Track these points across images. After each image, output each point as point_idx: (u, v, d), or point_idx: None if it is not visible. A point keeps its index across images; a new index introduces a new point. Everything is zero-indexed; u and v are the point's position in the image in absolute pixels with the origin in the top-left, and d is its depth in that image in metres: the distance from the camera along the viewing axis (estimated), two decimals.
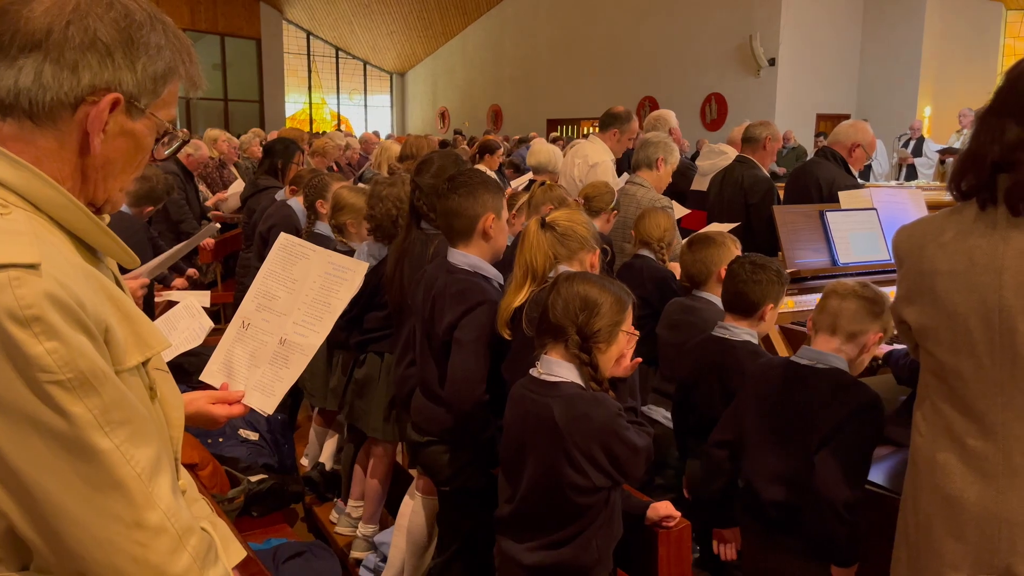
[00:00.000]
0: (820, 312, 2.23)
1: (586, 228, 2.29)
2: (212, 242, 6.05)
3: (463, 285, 2.38)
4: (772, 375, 2.27)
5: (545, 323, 1.92)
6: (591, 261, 2.31)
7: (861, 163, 4.44)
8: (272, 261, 1.69)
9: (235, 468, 2.99)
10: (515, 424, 2.00)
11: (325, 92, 24.00)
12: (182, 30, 1.15)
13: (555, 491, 1.89)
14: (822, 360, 2.15)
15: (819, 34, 15.35)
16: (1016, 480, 1.55)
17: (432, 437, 2.48)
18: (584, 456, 1.84)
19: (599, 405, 1.88)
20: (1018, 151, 1.51)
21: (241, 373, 1.58)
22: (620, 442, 1.86)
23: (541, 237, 2.24)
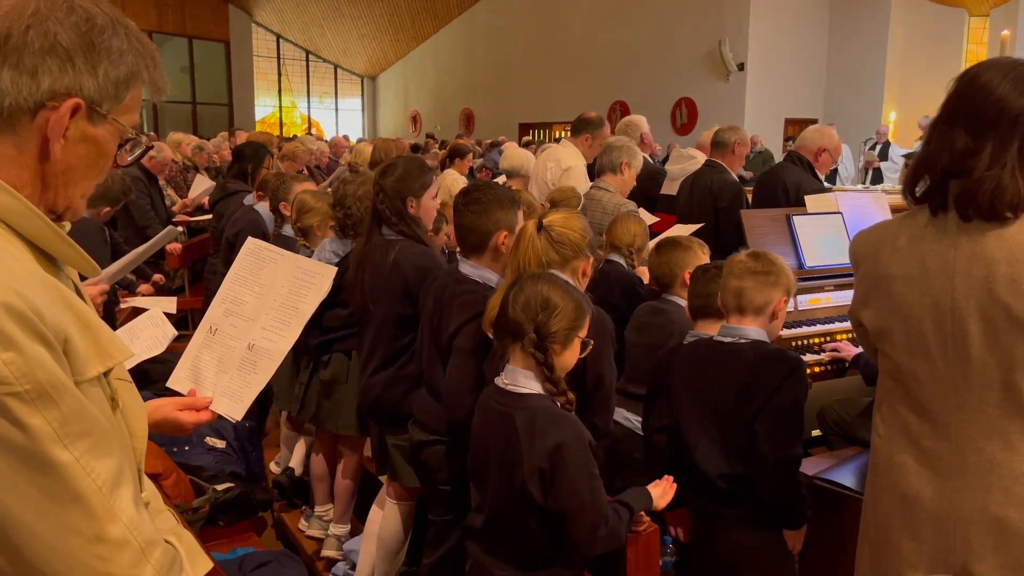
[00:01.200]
0: (725, 294, 2.30)
1: (581, 235, 2.28)
2: (180, 247, 5.97)
3: (470, 296, 2.39)
4: (698, 356, 2.33)
5: (504, 319, 1.91)
6: (584, 269, 2.30)
7: (827, 167, 4.51)
8: (240, 266, 1.67)
9: (201, 477, 2.94)
10: (481, 432, 2.00)
11: (295, 95, 23.84)
12: (149, 32, 1.13)
13: (513, 506, 1.88)
14: (743, 335, 2.25)
15: (787, 40, 15.56)
16: (969, 480, 1.59)
17: (437, 436, 2.49)
18: (532, 471, 1.81)
19: (558, 426, 1.84)
20: (967, 159, 1.54)
21: (209, 379, 1.56)
22: (567, 475, 1.79)
23: (536, 241, 2.24)
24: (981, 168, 1.53)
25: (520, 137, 16.49)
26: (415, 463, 2.60)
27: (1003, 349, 1.53)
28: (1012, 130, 1.52)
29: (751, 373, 2.19)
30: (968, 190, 1.54)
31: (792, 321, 3.30)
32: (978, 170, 1.53)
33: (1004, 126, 1.52)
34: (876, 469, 1.78)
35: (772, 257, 2.30)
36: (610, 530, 1.85)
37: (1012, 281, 1.51)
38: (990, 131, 1.53)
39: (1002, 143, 1.53)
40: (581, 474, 1.81)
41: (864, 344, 1.87)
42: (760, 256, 2.28)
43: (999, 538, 1.57)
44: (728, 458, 2.23)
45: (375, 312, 2.78)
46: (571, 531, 1.83)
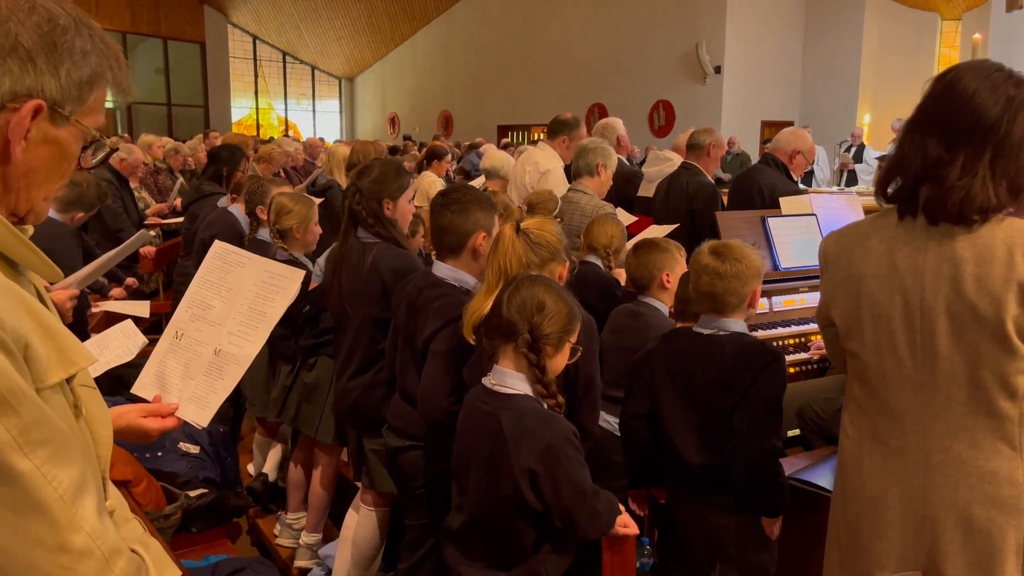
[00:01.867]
0: (699, 298, 2.32)
1: (557, 239, 2.29)
2: (153, 250, 5.90)
3: (446, 300, 2.38)
4: (679, 347, 2.35)
5: (497, 319, 1.90)
6: (560, 273, 2.30)
7: (802, 169, 4.54)
8: (206, 270, 1.65)
9: (174, 483, 2.90)
10: (465, 433, 1.99)
11: (272, 97, 23.69)
12: (123, 33, 1.11)
13: (498, 507, 1.87)
14: (722, 327, 2.28)
15: (763, 43, 15.70)
16: (936, 478, 1.61)
17: (413, 441, 2.48)
18: (523, 474, 1.81)
19: (548, 425, 1.85)
20: (939, 168, 1.56)
21: (175, 385, 1.54)
22: (563, 471, 1.82)
23: (516, 243, 2.22)
24: (952, 178, 1.54)
25: (499, 139, 16.49)
26: (391, 469, 2.58)
27: (969, 347, 1.55)
28: (985, 140, 1.54)
29: (731, 365, 2.22)
30: (938, 197, 1.56)
31: (767, 322, 3.32)
32: (950, 179, 1.54)
33: (977, 137, 1.54)
34: (844, 470, 1.79)
35: (736, 252, 2.28)
36: (607, 505, 1.90)
37: (979, 280, 1.53)
38: (963, 141, 1.54)
39: (975, 153, 1.54)
40: (576, 468, 1.84)
41: (831, 347, 1.89)
42: (724, 255, 2.26)
43: (966, 535, 1.59)
44: (707, 448, 2.26)
45: (353, 315, 2.76)
46: (576, 522, 1.86)
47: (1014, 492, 1.56)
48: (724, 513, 2.29)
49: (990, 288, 1.52)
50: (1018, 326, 1.52)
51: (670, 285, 2.80)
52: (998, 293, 1.51)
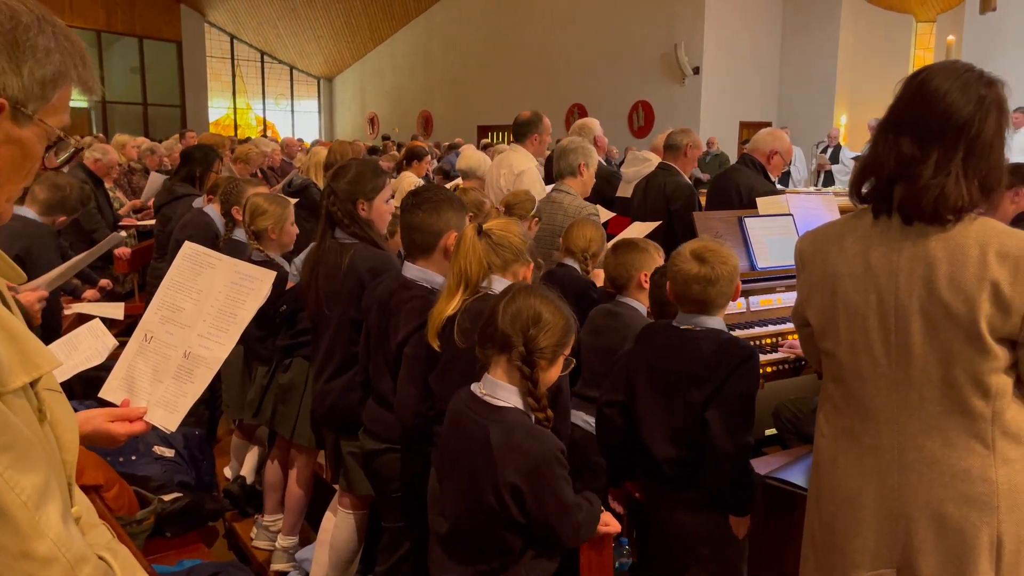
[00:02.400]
0: (681, 301, 2.32)
1: (521, 240, 2.26)
2: (128, 251, 5.84)
3: (419, 302, 2.36)
4: (657, 340, 2.37)
5: (492, 329, 1.87)
6: (524, 274, 2.28)
7: (779, 170, 4.57)
8: (176, 271, 1.63)
9: (148, 487, 2.87)
10: (450, 439, 1.97)
11: (250, 97, 23.53)
12: (97, 32, 1.09)
13: (481, 516, 1.86)
14: (700, 324, 2.29)
15: (741, 45, 15.81)
16: (910, 476, 1.62)
17: (389, 444, 2.46)
18: (507, 487, 1.79)
19: (537, 441, 1.82)
20: (912, 167, 1.57)
21: (143, 388, 1.52)
22: (550, 490, 1.81)
23: (477, 245, 2.20)
24: (926, 176, 1.55)
25: (479, 139, 16.49)
26: (368, 472, 2.57)
27: (943, 346, 1.56)
28: (957, 139, 1.55)
29: (705, 360, 2.23)
30: (912, 196, 1.57)
31: (744, 322, 3.33)
32: (923, 178, 1.55)
33: (950, 135, 1.55)
34: (819, 470, 1.80)
35: (719, 254, 2.28)
36: (587, 515, 1.89)
37: (952, 280, 1.54)
38: (936, 140, 1.56)
39: (947, 152, 1.55)
40: (560, 483, 1.83)
41: (806, 346, 1.90)
42: (708, 259, 2.26)
43: (939, 533, 1.60)
44: (676, 443, 2.27)
45: (330, 317, 2.73)
46: (559, 535, 1.86)
47: (987, 490, 1.57)
48: (692, 510, 2.30)
49: (963, 288, 1.53)
50: (991, 325, 1.53)
51: (648, 285, 2.80)
52: (971, 293, 1.52)
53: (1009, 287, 1.51)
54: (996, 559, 1.58)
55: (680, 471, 2.28)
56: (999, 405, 1.58)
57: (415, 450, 2.39)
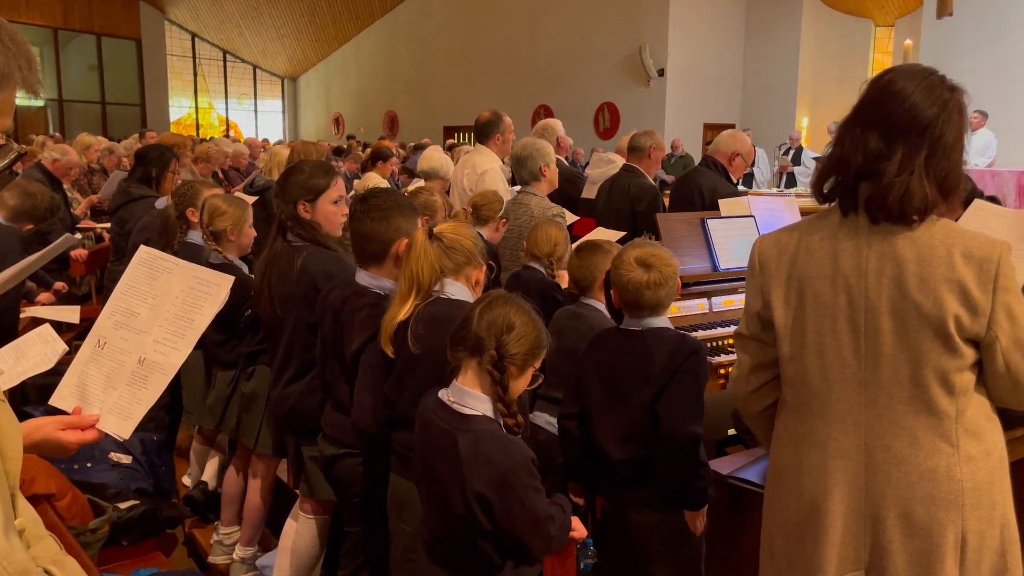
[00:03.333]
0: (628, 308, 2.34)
1: (473, 242, 2.24)
2: (85, 253, 5.71)
3: (372, 310, 2.33)
4: (606, 345, 2.38)
5: (465, 332, 1.85)
6: (477, 277, 2.26)
7: (741, 171, 4.61)
8: (131, 276, 1.59)
9: (104, 495, 2.80)
10: (421, 448, 1.94)
11: (212, 96, 23.22)
12: (54, 29, 1.06)
13: (454, 524, 1.84)
14: (647, 325, 2.32)
15: (705, 47, 15.97)
16: (878, 477, 1.62)
17: (349, 449, 2.43)
18: (475, 497, 1.77)
19: (506, 450, 1.79)
20: (879, 162, 1.59)
21: (96, 396, 1.48)
22: (518, 500, 1.78)
23: (428, 248, 2.17)
24: (891, 173, 1.57)
25: (445, 140, 16.44)
26: (327, 477, 2.53)
27: (912, 346, 1.57)
28: (921, 138, 1.57)
29: (653, 358, 2.26)
30: (879, 194, 1.58)
31: (707, 323, 3.36)
32: (888, 174, 1.57)
33: (915, 134, 1.57)
34: (780, 479, 1.78)
35: (662, 258, 2.31)
36: (559, 527, 1.88)
37: (921, 280, 1.56)
38: (901, 137, 1.58)
39: (911, 150, 1.57)
40: (530, 494, 1.80)
41: (756, 358, 1.82)
42: (653, 264, 2.28)
43: (907, 533, 1.61)
44: (630, 443, 2.29)
45: (285, 320, 2.69)
46: (528, 546, 1.84)
47: (952, 488, 1.59)
48: (647, 509, 2.32)
49: (933, 287, 1.55)
50: (959, 324, 1.55)
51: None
52: (940, 292, 1.54)
53: (975, 287, 1.54)
54: (960, 557, 1.60)
55: (635, 471, 2.29)
56: (962, 403, 1.61)
57: (374, 455, 2.36)
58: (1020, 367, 1.59)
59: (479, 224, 3.64)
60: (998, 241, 1.59)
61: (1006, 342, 1.57)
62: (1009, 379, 1.61)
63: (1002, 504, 1.65)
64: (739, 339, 1.85)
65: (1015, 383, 1.61)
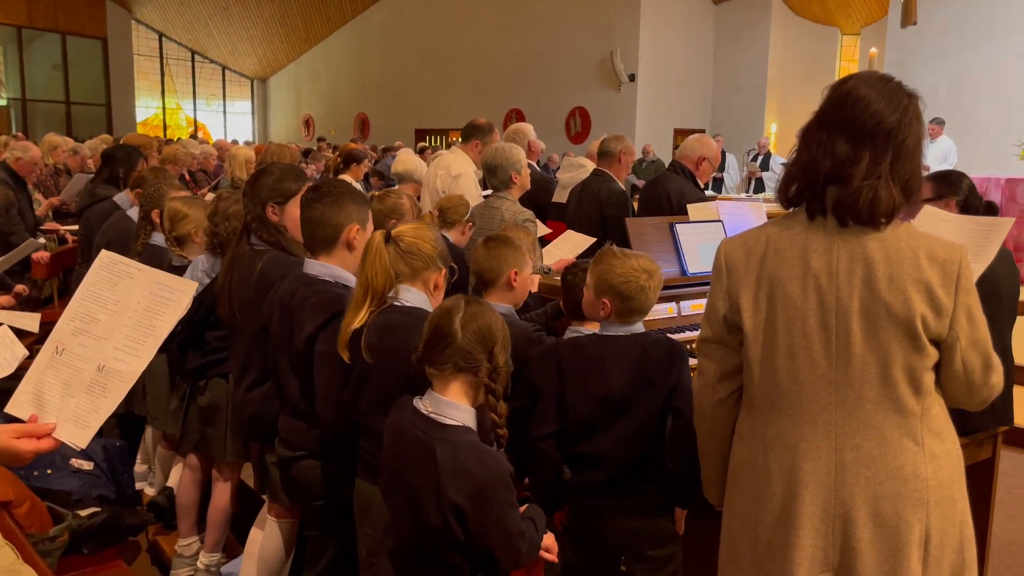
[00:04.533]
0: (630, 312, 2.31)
1: (433, 246, 2.19)
2: (47, 255, 5.61)
3: (323, 296, 2.30)
4: (588, 353, 2.32)
5: (449, 350, 1.79)
6: (436, 281, 2.22)
7: (708, 175, 4.65)
8: (92, 281, 1.56)
9: (65, 502, 2.75)
10: (392, 457, 1.90)
11: (180, 97, 22.94)
12: (18, 28, 1.03)
13: (425, 535, 1.81)
14: (632, 330, 2.31)
15: (675, 53, 16.12)
16: (847, 475, 1.64)
17: (304, 451, 2.39)
18: (450, 507, 1.74)
19: (485, 465, 1.76)
20: (848, 166, 1.61)
21: (53, 404, 1.45)
22: (494, 516, 1.76)
23: (383, 252, 2.12)
24: (859, 177, 1.60)
25: (416, 143, 16.40)
26: (284, 480, 2.50)
27: (882, 345, 1.60)
28: (886, 143, 1.61)
29: (651, 361, 2.25)
30: (848, 197, 1.61)
31: (676, 326, 3.37)
32: (856, 178, 1.60)
33: (880, 139, 1.61)
34: (745, 479, 1.78)
35: (655, 265, 2.32)
36: (529, 544, 1.84)
37: (891, 280, 1.58)
38: (867, 142, 1.61)
39: (877, 155, 1.61)
40: (505, 509, 1.78)
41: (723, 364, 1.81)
42: (651, 271, 2.29)
43: (875, 532, 1.62)
44: (626, 447, 2.27)
45: (246, 325, 2.66)
46: (500, 559, 1.81)
47: (919, 486, 1.62)
48: (636, 515, 2.31)
49: (902, 287, 1.58)
50: (925, 324, 1.58)
51: (517, 284, 2.65)
52: (909, 292, 1.58)
53: (940, 289, 1.58)
54: (924, 554, 1.62)
55: (632, 474, 2.28)
56: (927, 402, 1.64)
57: (333, 456, 2.34)
58: (975, 367, 1.63)
59: (445, 227, 3.63)
60: (957, 244, 1.63)
61: (965, 342, 1.61)
62: (964, 379, 1.65)
63: (961, 501, 1.68)
64: (703, 345, 1.84)
65: (970, 384, 1.65)
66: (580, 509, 2.40)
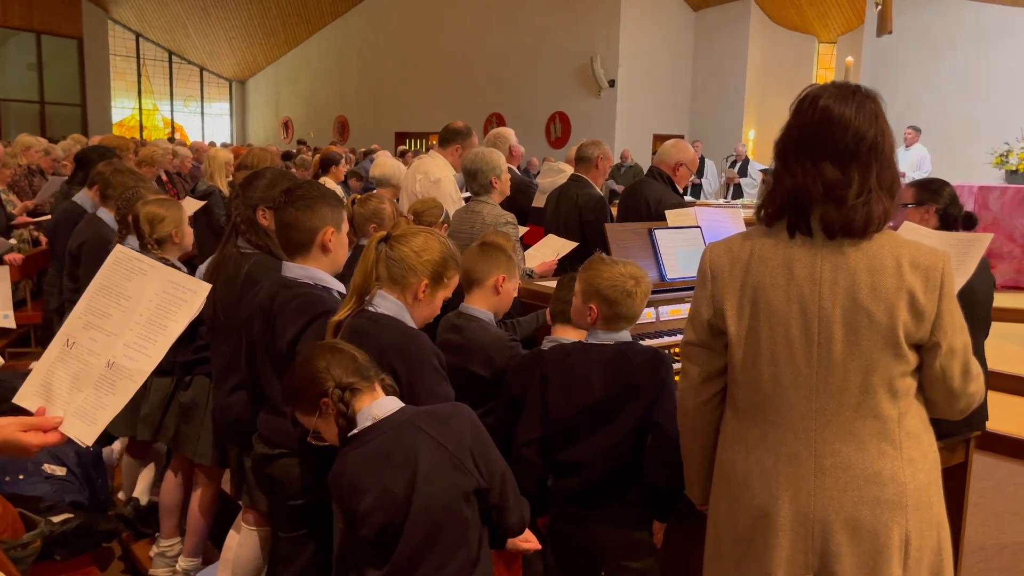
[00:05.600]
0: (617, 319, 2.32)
1: (424, 258, 2.17)
2: (20, 257, 5.54)
3: (304, 298, 2.30)
4: (571, 361, 2.33)
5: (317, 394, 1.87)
6: (417, 289, 2.19)
7: (685, 180, 4.67)
8: (105, 275, 1.54)
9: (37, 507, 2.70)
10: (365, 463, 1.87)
11: (157, 98, 22.72)
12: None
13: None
14: (615, 339, 2.32)
15: (654, 59, 16.21)
16: (827, 482, 1.66)
17: (283, 449, 2.38)
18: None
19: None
20: (839, 189, 1.63)
21: (61, 397, 1.44)
22: (490, 450, 1.87)
23: (371, 252, 2.16)
24: (852, 197, 1.62)
25: (396, 146, 16.37)
26: (260, 478, 2.48)
27: (863, 354, 1.62)
28: (869, 158, 1.63)
29: (637, 369, 2.25)
30: (843, 218, 1.62)
31: (654, 331, 3.38)
32: (849, 199, 1.62)
33: (863, 156, 1.63)
34: (729, 485, 1.79)
35: (643, 272, 2.34)
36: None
37: (873, 289, 1.61)
38: (853, 162, 1.63)
39: (864, 172, 1.63)
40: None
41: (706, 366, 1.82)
42: (639, 278, 2.31)
43: (854, 537, 1.64)
44: (606, 456, 2.27)
45: (229, 327, 2.64)
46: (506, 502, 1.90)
47: (897, 490, 1.64)
48: (614, 525, 2.30)
49: (884, 296, 1.60)
50: (907, 331, 1.61)
51: (503, 291, 2.65)
52: (892, 301, 1.60)
53: (922, 295, 1.61)
54: (904, 557, 1.65)
55: (614, 483, 2.28)
56: (903, 407, 1.66)
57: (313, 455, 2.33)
58: (954, 373, 1.66)
59: None
60: (940, 251, 1.66)
61: (945, 348, 1.64)
62: (944, 385, 1.67)
63: (938, 504, 1.71)
64: (687, 348, 1.85)
65: (949, 391, 1.68)
66: (561, 516, 2.40)
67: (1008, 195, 8.58)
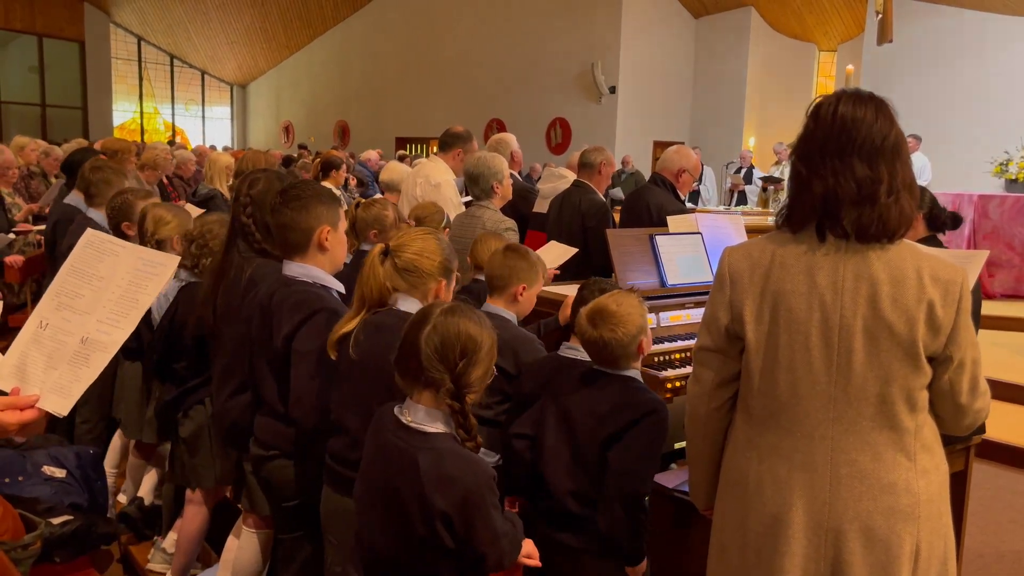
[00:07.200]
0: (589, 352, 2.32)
1: (431, 259, 2.21)
2: (21, 259, 5.54)
3: (300, 296, 2.31)
4: (571, 376, 2.35)
5: (413, 364, 1.77)
6: (436, 291, 2.23)
7: (688, 187, 4.68)
8: (77, 258, 1.56)
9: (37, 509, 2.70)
10: (373, 469, 1.89)
11: (158, 101, 22.75)
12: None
13: (409, 547, 1.80)
14: (616, 369, 2.30)
15: (655, 66, 16.25)
16: (842, 490, 1.66)
17: (277, 451, 2.39)
18: (438, 515, 1.73)
19: (470, 470, 1.76)
20: (871, 186, 1.63)
21: (36, 376, 1.46)
22: (481, 519, 1.76)
23: (378, 268, 2.16)
24: (883, 194, 1.62)
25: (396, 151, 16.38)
26: (256, 479, 2.49)
27: (882, 365, 1.62)
28: (893, 156, 1.65)
29: (612, 400, 2.23)
30: (877, 217, 1.62)
31: (655, 337, 3.39)
32: (882, 196, 1.62)
33: (888, 153, 1.64)
34: (740, 491, 1.79)
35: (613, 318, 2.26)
36: (511, 542, 1.87)
37: (895, 301, 1.61)
38: (879, 158, 1.64)
39: (891, 170, 1.64)
40: (492, 515, 1.78)
41: (720, 373, 1.81)
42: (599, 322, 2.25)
43: (867, 546, 1.64)
44: (575, 477, 2.26)
45: (229, 332, 2.64)
46: (488, 561, 1.82)
47: (911, 501, 1.64)
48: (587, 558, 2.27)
49: (905, 308, 1.60)
50: (925, 343, 1.61)
51: (522, 299, 2.70)
52: (912, 312, 1.60)
53: (940, 307, 1.61)
54: (913, 567, 1.65)
55: (581, 507, 2.25)
56: (920, 419, 1.67)
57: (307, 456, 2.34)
58: (962, 388, 1.66)
59: None
60: (959, 267, 1.66)
61: (956, 362, 1.64)
62: (951, 400, 1.68)
63: (946, 515, 1.72)
64: (701, 353, 1.83)
65: (956, 406, 1.69)
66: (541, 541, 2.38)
67: (1008, 204, 8.59)
